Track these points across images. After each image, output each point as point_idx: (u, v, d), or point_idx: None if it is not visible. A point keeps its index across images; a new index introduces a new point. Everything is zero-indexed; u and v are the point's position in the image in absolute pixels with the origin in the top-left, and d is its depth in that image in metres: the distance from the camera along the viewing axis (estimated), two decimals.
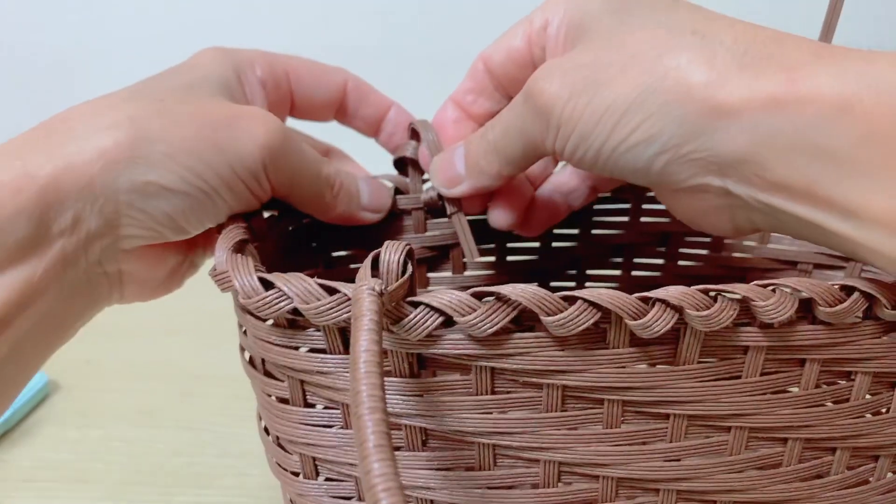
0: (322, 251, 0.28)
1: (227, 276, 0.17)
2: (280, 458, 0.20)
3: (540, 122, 0.19)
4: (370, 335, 0.14)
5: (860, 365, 0.18)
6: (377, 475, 0.11)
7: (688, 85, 0.17)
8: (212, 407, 0.36)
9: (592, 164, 0.19)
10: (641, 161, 0.18)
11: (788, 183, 0.16)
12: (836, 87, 0.15)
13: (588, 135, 0.18)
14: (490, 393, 0.17)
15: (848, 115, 0.15)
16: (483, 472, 0.18)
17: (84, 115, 0.19)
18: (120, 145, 0.18)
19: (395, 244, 0.16)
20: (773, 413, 0.18)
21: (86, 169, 0.18)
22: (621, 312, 0.16)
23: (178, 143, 0.19)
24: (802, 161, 0.16)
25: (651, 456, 0.18)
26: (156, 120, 0.19)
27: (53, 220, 0.17)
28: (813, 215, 0.16)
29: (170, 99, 0.20)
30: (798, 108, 0.15)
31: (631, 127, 0.17)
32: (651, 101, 0.17)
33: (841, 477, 0.20)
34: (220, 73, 0.22)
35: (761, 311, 0.16)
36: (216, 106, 0.20)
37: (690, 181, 0.18)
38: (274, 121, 0.21)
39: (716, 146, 0.17)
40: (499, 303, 0.16)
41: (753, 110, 0.16)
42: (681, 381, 0.17)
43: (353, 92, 0.26)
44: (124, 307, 0.22)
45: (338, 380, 0.18)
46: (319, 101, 0.26)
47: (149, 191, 0.18)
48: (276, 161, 0.20)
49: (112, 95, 0.20)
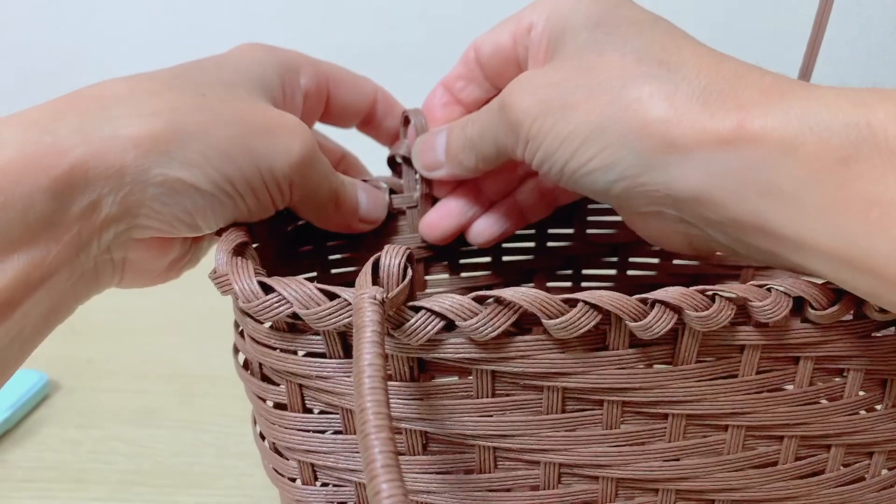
0: (320, 252, 0.28)
1: (227, 279, 0.17)
2: (277, 464, 0.20)
3: (511, 133, 0.20)
4: (373, 347, 0.14)
5: (852, 362, 0.18)
6: (386, 497, 0.11)
7: (646, 119, 0.17)
8: (212, 407, 0.36)
9: (557, 179, 0.20)
10: (600, 185, 0.19)
11: (741, 220, 0.17)
12: (781, 129, 0.16)
13: (552, 154, 0.19)
14: (491, 396, 0.17)
15: (791, 156, 0.15)
16: (483, 474, 0.18)
17: (122, 97, 0.18)
18: (157, 137, 0.17)
19: (394, 248, 0.16)
20: (769, 411, 0.18)
21: (119, 156, 0.17)
22: (622, 314, 0.16)
23: (215, 143, 0.18)
24: (753, 199, 0.16)
25: (650, 456, 0.18)
26: (196, 115, 0.18)
27: (76, 201, 0.17)
28: (767, 246, 0.17)
29: (211, 94, 0.19)
30: (746, 148, 0.16)
31: (591, 154, 0.18)
32: (611, 132, 0.18)
33: (837, 474, 0.20)
34: (263, 73, 0.22)
35: (757, 310, 0.17)
36: (256, 110, 0.20)
37: (648, 208, 0.19)
38: (309, 135, 0.21)
39: (669, 181, 0.17)
40: (500, 306, 0.16)
41: (706, 149, 0.16)
42: (679, 380, 0.17)
43: (382, 103, 0.27)
44: (124, 308, 0.22)
45: (337, 384, 0.18)
46: (352, 111, 0.26)
47: (177, 187, 0.18)
48: (304, 176, 0.21)
49: (152, 77, 0.19)
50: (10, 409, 0.35)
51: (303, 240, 0.27)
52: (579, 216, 0.30)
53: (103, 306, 0.50)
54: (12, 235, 0.16)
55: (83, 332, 0.43)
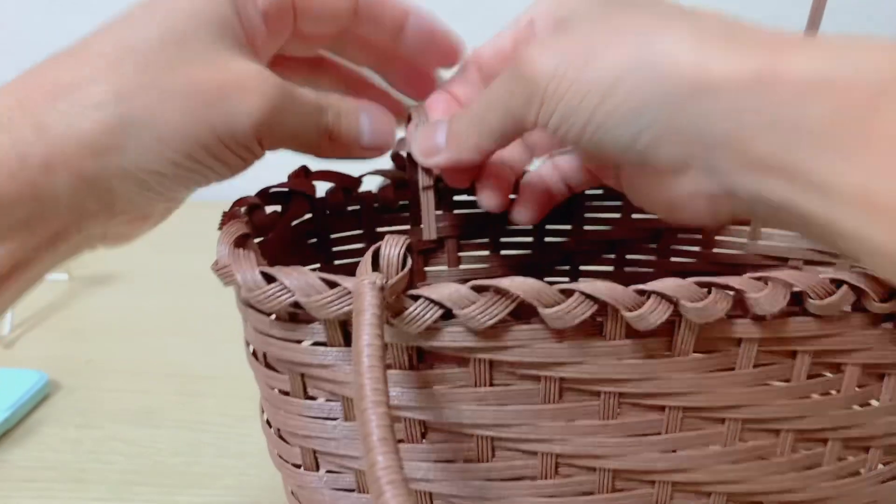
0: (322, 245, 0.28)
1: (230, 269, 0.18)
2: (281, 450, 0.21)
3: (525, 93, 0.19)
4: (372, 329, 0.14)
5: (849, 356, 0.19)
6: (382, 468, 0.12)
7: (676, 60, 0.17)
8: (212, 407, 0.36)
9: (577, 139, 0.19)
10: (626, 136, 0.18)
11: (767, 161, 0.17)
12: (811, 67, 0.16)
13: (573, 110, 0.18)
14: (488, 385, 0.18)
15: (821, 93, 0.16)
16: (481, 463, 0.19)
17: (65, 86, 0.18)
18: (107, 131, 0.17)
19: (395, 238, 0.16)
20: (765, 404, 0.18)
21: (76, 160, 0.17)
22: (618, 304, 0.16)
23: (167, 125, 0.18)
24: (780, 138, 0.16)
25: (647, 447, 0.19)
26: (142, 97, 0.18)
27: (49, 206, 0.17)
28: (790, 195, 0.17)
29: (156, 64, 0.18)
30: (777, 85, 0.16)
31: (618, 101, 0.18)
32: (638, 76, 0.17)
33: (833, 468, 0.20)
34: (215, 8, 0.19)
35: (754, 302, 0.17)
36: (207, 73, 0.19)
37: (672, 161, 0.18)
38: (270, 88, 0.19)
39: (699, 122, 0.17)
40: (497, 295, 0.16)
41: (736, 87, 0.16)
42: (676, 372, 0.18)
43: (366, 6, 0.23)
44: (124, 308, 0.22)
45: (338, 372, 0.18)
46: (326, 22, 0.23)
47: (141, 176, 0.18)
48: (272, 130, 0.20)
49: (93, 54, 0.18)
50: (10, 409, 0.35)
51: (306, 234, 0.27)
52: (577, 212, 0.31)
53: (103, 306, 0.50)
54: None
55: (83, 332, 0.44)
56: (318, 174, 0.27)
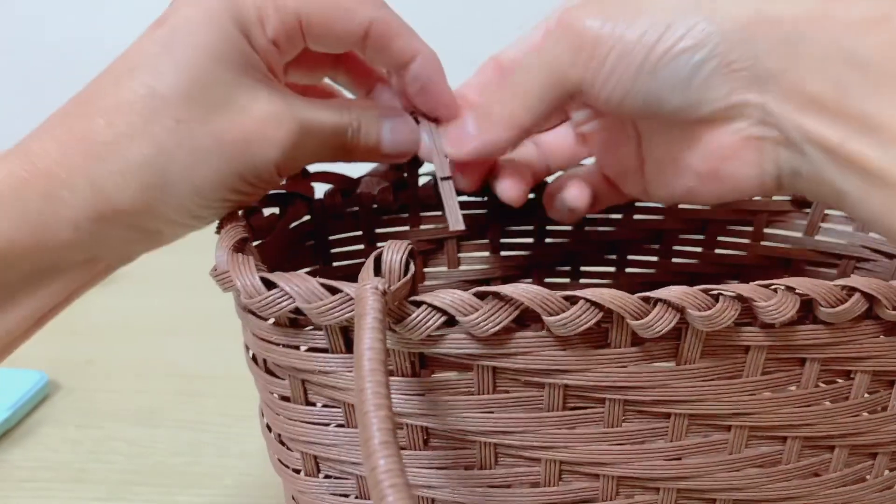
0: (321, 248, 0.28)
1: (229, 276, 0.17)
2: (282, 455, 0.21)
3: (571, 48, 0.19)
4: (374, 333, 0.14)
5: (860, 364, 0.18)
6: (383, 471, 0.11)
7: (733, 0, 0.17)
8: (212, 407, 0.36)
9: (626, 90, 0.19)
10: (684, 72, 0.18)
11: (822, 97, 0.17)
12: (869, 4, 0.16)
13: (627, 53, 0.18)
14: (491, 392, 0.17)
15: (878, 25, 0.16)
16: (484, 470, 0.18)
17: (107, 145, 0.18)
18: (153, 187, 0.19)
19: (397, 243, 0.16)
20: (773, 412, 0.18)
21: (127, 216, 0.19)
22: (623, 312, 0.16)
23: (203, 178, 0.19)
24: (834, 73, 0.16)
25: (651, 455, 0.18)
26: (179, 154, 0.19)
27: (105, 249, 0.20)
28: (842, 138, 0.17)
29: (188, 119, 0.19)
30: (832, 20, 0.16)
31: (677, 35, 0.18)
32: (696, 13, 0.18)
33: (839, 474, 0.20)
34: (234, 46, 0.19)
35: (763, 311, 0.16)
36: (232, 123, 0.19)
37: (729, 98, 0.18)
38: (287, 129, 0.20)
39: (759, 55, 0.17)
40: (501, 302, 0.16)
41: (796, 20, 0.17)
42: (682, 380, 0.17)
43: (376, 38, 0.22)
44: (124, 308, 0.22)
45: (340, 379, 0.18)
46: (333, 45, 0.22)
47: (181, 220, 0.20)
48: (292, 162, 0.21)
49: (125, 108, 0.18)
50: (10, 409, 0.35)
51: (305, 237, 0.27)
52: None
53: (103, 306, 0.50)
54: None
55: (83, 332, 0.44)
56: (316, 175, 0.27)
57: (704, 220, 0.30)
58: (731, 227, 0.30)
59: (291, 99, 0.21)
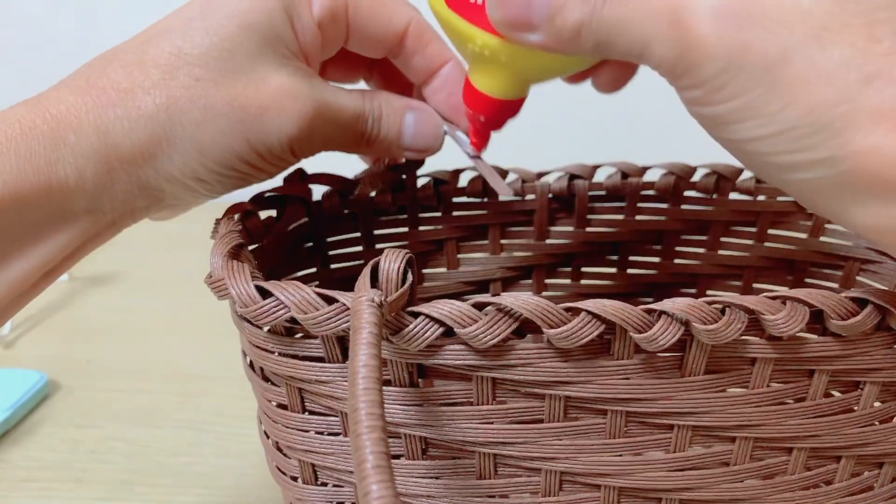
0: (319, 250, 0.27)
1: (223, 283, 0.17)
2: (280, 463, 0.20)
3: (674, 53, 0.15)
4: (369, 349, 0.14)
5: (869, 375, 0.18)
6: (375, 497, 0.11)
7: None
8: (212, 407, 0.36)
9: None
10: None
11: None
12: None
13: None
14: (491, 403, 0.17)
15: None
16: (484, 480, 0.18)
17: (123, 92, 0.19)
18: (157, 141, 0.19)
19: (394, 252, 0.16)
20: (779, 424, 0.18)
21: (130, 165, 0.19)
22: (626, 325, 0.15)
23: (210, 139, 0.19)
24: None
25: (654, 466, 0.18)
26: (190, 112, 0.19)
27: (108, 199, 0.19)
28: None
29: (205, 78, 0.19)
30: None
31: None
32: None
33: (845, 485, 0.20)
34: (267, 17, 0.20)
35: (770, 324, 0.16)
36: (248, 90, 0.19)
37: None
38: (305, 104, 0.20)
39: None
40: (500, 314, 0.16)
41: None
42: (686, 392, 0.17)
43: (413, 37, 0.23)
44: (124, 308, 0.22)
45: (337, 388, 0.17)
46: (375, 42, 0.23)
47: (186, 182, 0.20)
48: (306, 143, 0.21)
49: (149, 62, 0.19)
50: (10, 409, 0.35)
51: (302, 240, 0.27)
52: (579, 213, 0.30)
53: (103, 306, 0.50)
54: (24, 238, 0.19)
55: (83, 332, 0.43)
56: (313, 177, 0.26)
57: (707, 221, 0.30)
58: (734, 227, 0.30)
59: (314, 79, 0.21)
